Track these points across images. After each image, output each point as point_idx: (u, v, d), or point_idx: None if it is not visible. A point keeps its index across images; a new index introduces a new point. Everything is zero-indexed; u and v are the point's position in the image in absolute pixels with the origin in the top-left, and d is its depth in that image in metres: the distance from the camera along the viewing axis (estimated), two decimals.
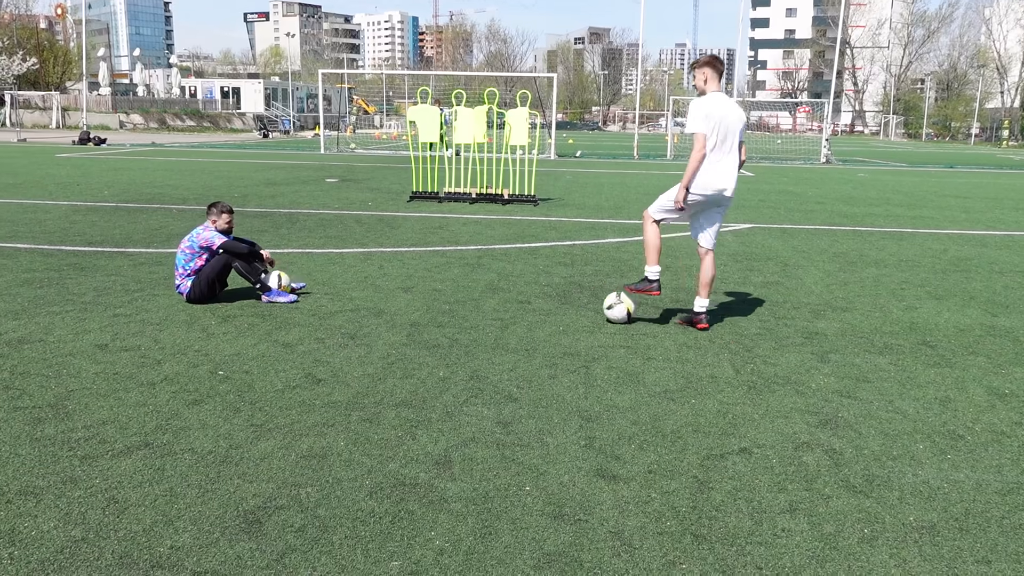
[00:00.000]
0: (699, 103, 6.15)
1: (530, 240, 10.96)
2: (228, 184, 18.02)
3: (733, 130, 6.20)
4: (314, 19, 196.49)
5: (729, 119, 6.17)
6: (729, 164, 6.23)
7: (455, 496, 3.64)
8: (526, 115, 14.68)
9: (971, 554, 3.25)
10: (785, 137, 62.85)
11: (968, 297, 7.97)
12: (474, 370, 5.41)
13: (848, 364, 5.71)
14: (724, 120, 6.15)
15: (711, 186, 6.22)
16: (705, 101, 6.16)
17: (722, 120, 6.14)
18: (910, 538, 3.36)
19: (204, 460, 3.93)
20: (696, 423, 4.57)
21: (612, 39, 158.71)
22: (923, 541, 3.34)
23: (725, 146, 6.21)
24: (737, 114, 6.22)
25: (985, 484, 3.87)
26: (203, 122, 60.70)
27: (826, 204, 16.67)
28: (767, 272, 9.04)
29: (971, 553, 3.25)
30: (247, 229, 11.18)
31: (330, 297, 7.36)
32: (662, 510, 3.56)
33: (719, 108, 6.15)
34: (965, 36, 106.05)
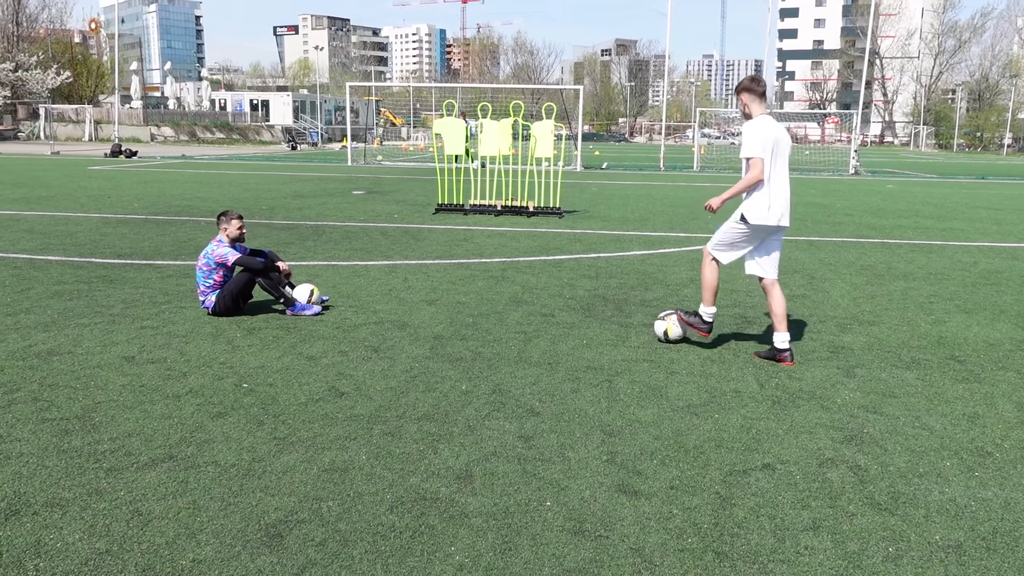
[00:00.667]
0: (754, 126, 5.90)
1: (555, 253, 10.96)
2: (256, 196, 18.20)
3: (786, 154, 6.00)
4: (343, 32, 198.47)
5: (782, 143, 5.97)
6: (785, 190, 6.01)
7: (475, 511, 3.64)
8: (551, 127, 14.70)
9: (998, 574, 3.19)
10: (813, 148, 62.38)
11: (998, 311, 7.86)
12: (496, 384, 5.41)
13: (874, 379, 5.64)
14: (778, 144, 5.95)
15: (772, 216, 5.96)
16: (758, 124, 5.91)
17: (776, 144, 5.93)
18: (936, 557, 3.31)
19: (227, 473, 3.96)
20: (719, 438, 4.54)
21: (639, 50, 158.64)
22: (949, 560, 3.29)
23: (780, 171, 5.99)
24: (787, 138, 6.03)
25: (1014, 502, 3.80)
26: (232, 134, 61.41)
27: (854, 216, 16.51)
28: (793, 285, 8.96)
29: (998, 573, 3.20)
30: (274, 241, 11.29)
31: (354, 310, 7.40)
32: (684, 527, 3.54)
33: (772, 131, 5.91)
34: (997, 46, 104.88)
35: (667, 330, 6.49)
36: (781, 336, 6.03)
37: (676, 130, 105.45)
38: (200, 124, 60.94)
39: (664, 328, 6.51)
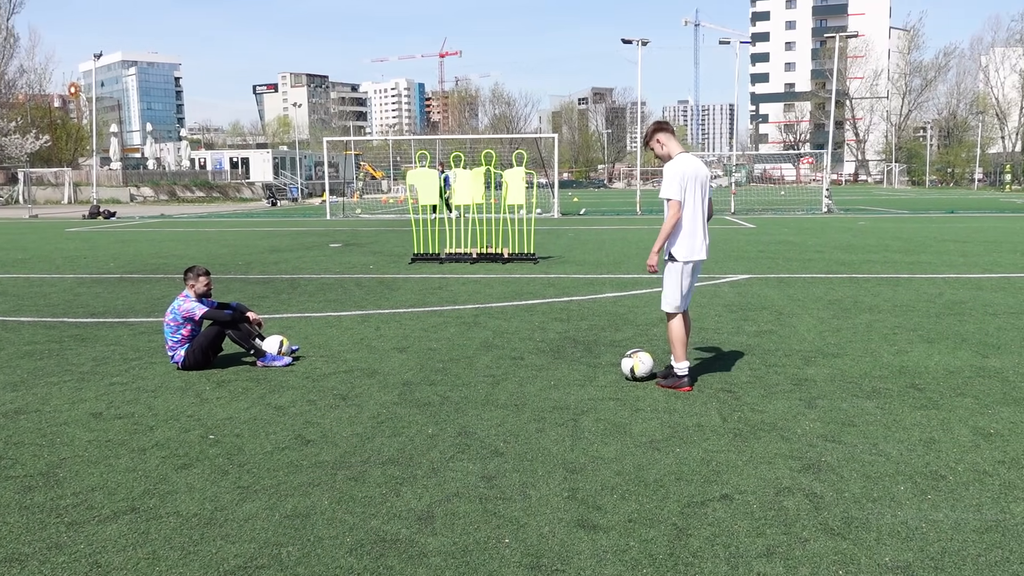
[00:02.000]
0: (672, 167, 6.12)
1: (528, 297, 11.06)
2: (233, 252, 18.28)
3: (705, 188, 6.22)
4: (321, 89, 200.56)
5: (700, 177, 6.18)
6: (704, 223, 6.29)
7: (435, 551, 3.68)
8: (522, 174, 14.92)
9: None
10: (789, 188, 63.27)
11: (960, 339, 8.00)
12: (463, 426, 5.46)
13: (835, 409, 5.74)
14: (696, 180, 6.14)
15: (697, 250, 6.28)
16: (676, 164, 6.12)
17: (695, 180, 6.13)
18: None
19: (189, 523, 3.99)
20: (679, 471, 4.60)
21: (615, 98, 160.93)
22: None
23: (699, 207, 6.21)
24: (705, 171, 6.24)
25: (964, 523, 3.87)
26: (212, 192, 61.63)
27: (825, 253, 16.76)
28: (761, 321, 9.09)
29: None
30: (249, 295, 11.34)
31: (325, 359, 7.45)
32: (639, 558, 3.58)
33: (690, 168, 6.12)
34: (963, 84, 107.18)
35: (634, 367, 6.58)
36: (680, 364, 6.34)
37: (654, 174, 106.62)
38: (180, 183, 61.18)
39: (631, 365, 6.59)
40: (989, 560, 3.51)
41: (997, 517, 3.93)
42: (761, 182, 79.30)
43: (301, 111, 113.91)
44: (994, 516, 3.95)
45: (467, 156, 15.67)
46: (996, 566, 3.46)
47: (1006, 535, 3.74)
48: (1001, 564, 3.48)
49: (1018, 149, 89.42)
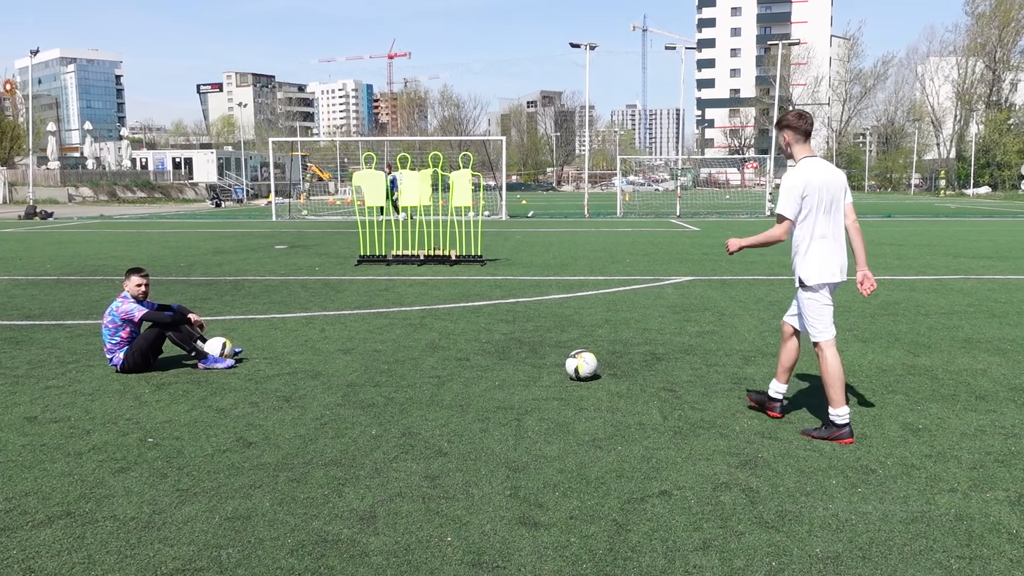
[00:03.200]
0: (793, 178, 5.11)
1: (474, 299, 11.09)
2: (175, 253, 17.97)
3: (837, 202, 5.19)
4: (268, 89, 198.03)
5: (832, 189, 5.15)
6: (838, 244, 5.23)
7: (376, 550, 3.68)
8: (469, 177, 14.95)
9: None
10: (733, 192, 64.33)
11: (893, 339, 8.24)
12: (407, 427, 5.47)
13: None
14: (825, 192, 5.12)
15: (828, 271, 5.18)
16: (799, 174, 5.11)
17: (822, 193, 5.11)
18: (815, 568, 3.47)
19: (126, 527, 3.93)
20: (621, 469, 4.67)
21: (564, 101, 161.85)
22: (827, 571, 3.45)
23: (828, 225, 5.17)
24: (840, 181, 5.22)
25: (891, 514, 4.01)
26: (154, 193, 60.42)
27: (767, 255, 17.07)
28: (703, 322, 9.25)
29: None
30: (191, 297, 11.18)
31: (268, 361, 7.38)
32: (579, 553, 3.64)
33: (816, 179, 5.10)
34: (900, 92, 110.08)
35: (578, 367, 6.65)
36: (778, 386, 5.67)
37: (602, 178, 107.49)
38: (120, 183, 59.84)
39: (575, 366, 6.66)
40: (914, 549, 3.64)
41: (923, 509, 4.08)
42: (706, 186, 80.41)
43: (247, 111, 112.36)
44: (920, 508, 4.09)
45: (415, 158, 15.64)
46: (920, 555, 3.59)
47: (930, 526, 3.88)
48: (925, 553, 3.61)
49: (952, 156, 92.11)
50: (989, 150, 78.89)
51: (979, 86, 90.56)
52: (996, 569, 3.47)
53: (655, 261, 15.96)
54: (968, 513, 4.03)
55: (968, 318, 9.41)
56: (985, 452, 4.91)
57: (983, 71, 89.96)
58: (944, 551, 3.63)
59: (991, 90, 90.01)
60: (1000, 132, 79.51)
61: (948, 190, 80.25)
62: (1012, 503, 4.15)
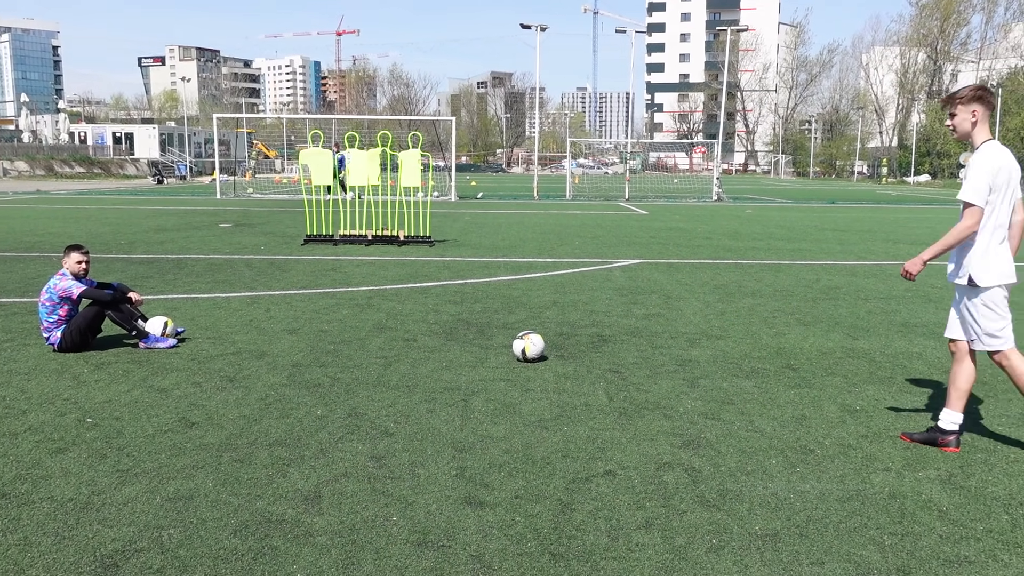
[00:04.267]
0: (982, 160, 4.53)
1: (423, 280, 11.05)
2: (115, 231, 17.55)
3: (1015, 189, 4.67)
4: (212, 63, 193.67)
5: (1014, 178, 4.62)
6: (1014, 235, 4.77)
7: (321, 530, 3.67)
8: (418, 156, 14.84)
9: (807, 557, 3.46)
10: (682, 177, 64.94)
11: (834, 323, 8.43)
12: (353, 407, 5.44)
13: (716, 388, 5.98)
14: (1011, 180, 4.60)
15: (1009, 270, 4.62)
16: (987, 157, 4.54)
17: (1009, 180, 4.58)
18: (754, 546, 3.55)
19: (63, 508, 3.85)
20: (566, 449, 4.71)
21: (514, 83, 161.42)
22: (765, 548, 3.54)
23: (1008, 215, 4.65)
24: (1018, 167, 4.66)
25: (828, 493, 4.12)
26: (94, 169, 58.87)
27: (713, 239, 17.32)
28: (650, 305, 9.35)
29: (807, 556, 3.46)
30: (132, 275, 10.94)
31: (212, 341, 7.27)
32: (524, 532, 3.67)
33: (1002, 164, 4.55)
34: (845, 80, 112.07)
35: (525, 348, 6.68)
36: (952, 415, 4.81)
37: (552, 160, 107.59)
38: (58, 158, 58.19)
39: (522, 347, 6.69)
40: (849, 527, 3.74)
41: (858, 487, 4.19)
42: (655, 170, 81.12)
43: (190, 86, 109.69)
44: (855, 486, 4.20)
45: (364, 137, 15.47)
46: (855, 532, 3.69)
47: (865, 503, 4.00)
48: (860, 530, 3.71)
49: (894, 144, 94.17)
50: (930, 139, 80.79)
51: (921, 76, 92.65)
52: (926, 545, 3.58)
53: (603, 244, 16.07)
54: (901, 492, 4.15)
55: (906, 303, 9.66)
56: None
57: (925, 61, 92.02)
58: (878, 528, 3.74)
59: (932, 80, 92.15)
60: (940, 121, 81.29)
61: (890, 178, 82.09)
62: (943, 482, 4.29)
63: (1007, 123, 65.78)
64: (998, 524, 3.80)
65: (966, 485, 4.25)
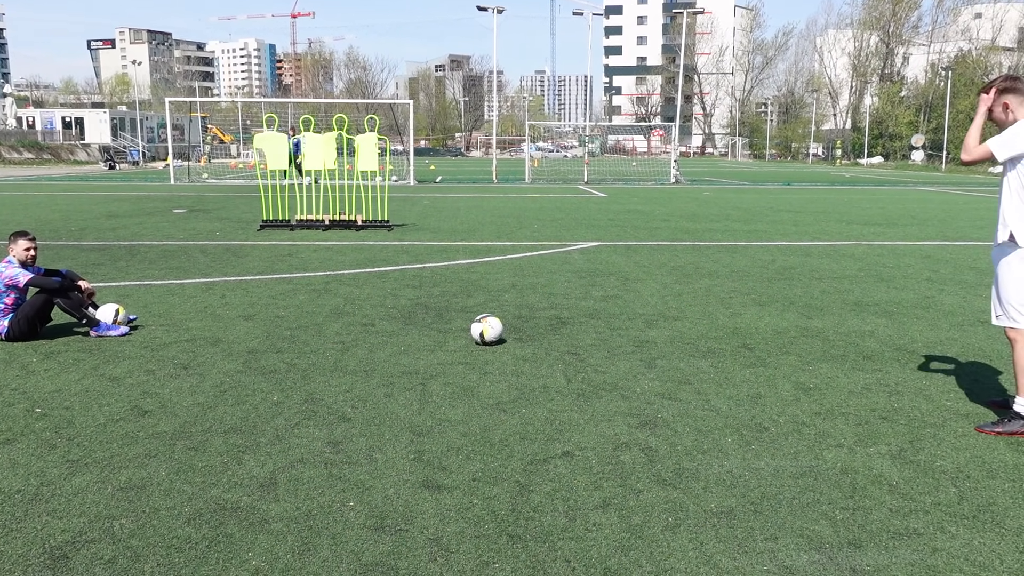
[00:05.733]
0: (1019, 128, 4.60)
1: (381, 264, 10.98)
2: (65, 217, 17.17)
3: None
4: (164, 46, 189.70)
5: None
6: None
7: (277, 516, 3.63)
8: (375, 140, 14.71)
9: (762, 533, 3.51)
10: (640, 160, 65.20)
11: (788, 302, 8.54)
12: (309, 393, 5.39)
13: (673, 368, 6.02)
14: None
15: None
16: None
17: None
18: (709, 523, 3.60)
19: (11, 499, 3.77)
20: (524, 431, 4.72)
21: (472, 66, 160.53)
22: (720, 525, 3.58)
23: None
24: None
25: (782, 470, 4.18)
26: (43, 154, 57.49)
27: (671, 222, 17.44)
28: (608, 287, 9.39)
29: (762, 532, 3.51)
30: (82, 263, 10.72)
31: (165, 328, 7.15)
32: (482, 515, 3.67)
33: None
34: (800, 63, 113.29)
35: (483, 332, 6.67)
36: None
37: (511, 144, 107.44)
38: (5, 144, 56.71)
39: (480, 330, 6.68)
40: (802, 502, 3.80)
41: (811, 464, 4.26)
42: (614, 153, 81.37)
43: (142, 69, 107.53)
44: (809, 463, 4.27)
45: (321, 121, 15.29)
46: (808, 507, 3.75)
47: (818, 479, 4.06)
48: (812, 505, 3.77)
49: (848, 126, 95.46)
50: (882, 121, 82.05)
51: (873, 59, 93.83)
52: (877, 518, 3.65)
53: (562, 227, 16.09)
54: (853, 467, 4.23)
55: (858, 282, 9.82)
56: (870, 409, 5.15)
57: (877, 44, 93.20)
58: (830, 503, 3.80)
59: (885, 63, 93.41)
60: (892, 104, 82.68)
61: (844, 159, 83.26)
62: (893, 457, 4.37)
63: (957, 105, 66.99)
64: (946, 497, 3.89)
65: (915, 459, 4.34)
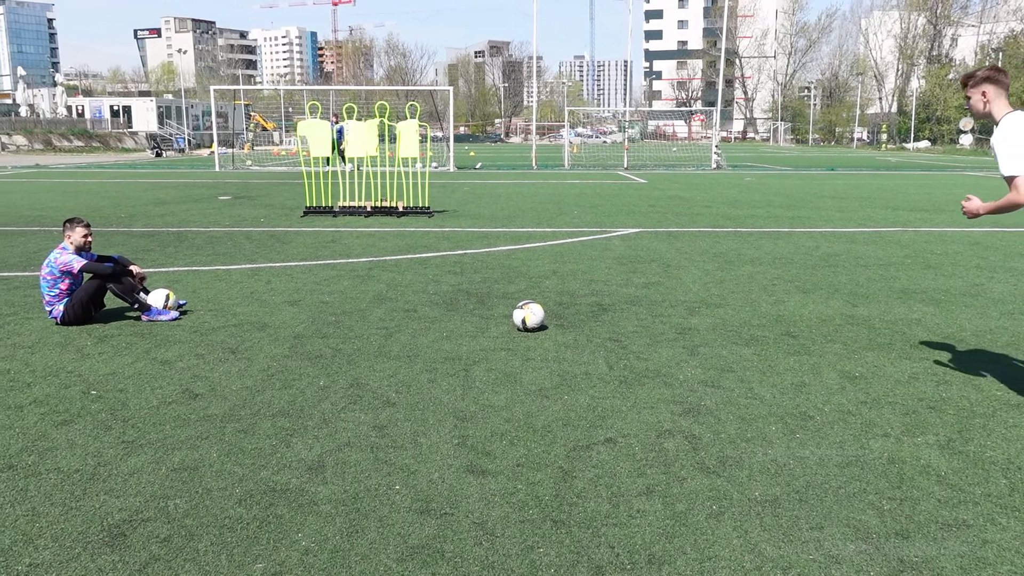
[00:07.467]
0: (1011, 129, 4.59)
1: (422, 251, 11.05)
2: (115, 204, 17.52)
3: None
4: (208, 35, 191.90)
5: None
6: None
7: (325, 499, 3.71)
8: (416, 127, 14.78)
9: (807, 522, 3.50)
10: (681, 145, 64.62)
11: (833, 290, 8.45)
12: (355, 378, 5.47)
13: (715, 356, 6.00)
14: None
15: None
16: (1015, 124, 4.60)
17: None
18: (753, 511, 3.60)
19: (70, 479, 3.89)
20: (567, 417, 4.75)
21: (512, 52, 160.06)
22: (765, 513, 3.58)
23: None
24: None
25: (827, 459, 4.15)
26: (92, 142, 58.59)
27: (712, 208, 17.29)
28: (649, 273, 9.36)
29: (807, 521, 3.51)
30: (133, 249, 10.94)
31: (214, 313, 7.29)
32: (526, 500, 3.71)
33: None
34: (844, 46, 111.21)
35: (525, 318, 6.70)
36: None
37: (550, 130, 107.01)
38: (56, 132, 57.90)
39: (522, 317, 6.71)
40: (848, 492, 3.78)
41: (857, 453, 4.23)
42: (654, 138, 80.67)
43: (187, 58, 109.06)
44: (855, 452, 4.24)
45: (362, 108, 15.40)
46: (854, 497, 3.73)
47: (864, 469, 4.04)
48: (859, 495, 3.75)
49: (894, 110, 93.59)
50: (929, 105, 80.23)
51: (920, 41, 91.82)
52: (925, 509, 3.62)
53: (602, 213, 16.04)
54: (900, 457, 4.19)
55: (905, 269, 9.67)
56: (917, 398, 5.09)
57: (925, 26, 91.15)
58: (877, 493, 3.78)
59: (932, 45, 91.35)
60: (940, 87, 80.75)
61: (889, 144, 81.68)
62: (941, 447, 4.33)
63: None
64: (996, 488, 3.84)
65: (964, 450, 4.28)
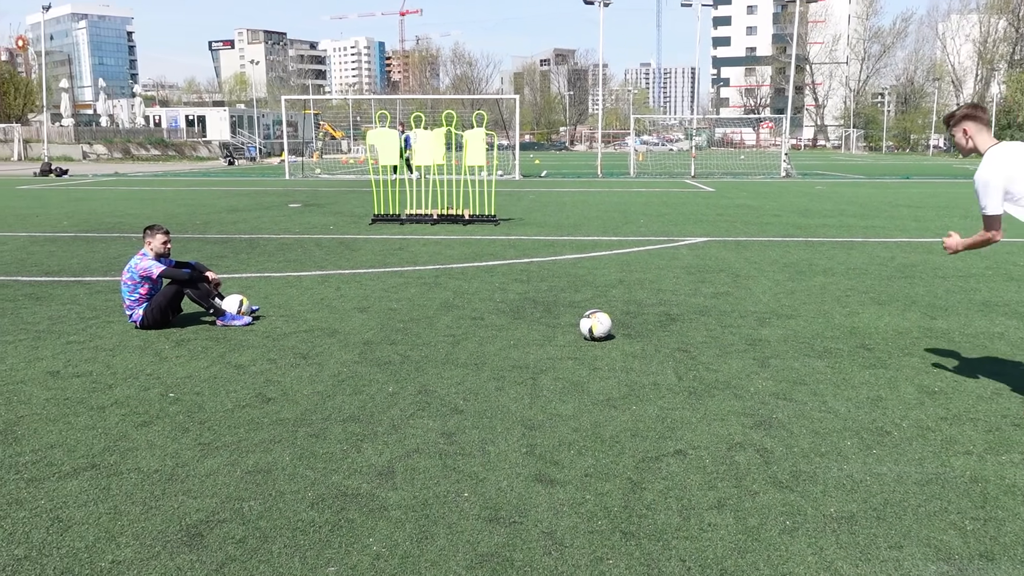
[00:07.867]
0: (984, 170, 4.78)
1: (488, 259, 11.10)
2: (190, 211, 18.02)
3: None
4: (279, 46, 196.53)
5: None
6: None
7: (395, 504, 3.74)
8: (483, 135, 14.87)
9: (885, 540, 3.40)
10: (749, 152, 63.75)
11: (910, 302, 8.22)
12: (423, 385, 5.52)
13: (787, 368, 5.89)
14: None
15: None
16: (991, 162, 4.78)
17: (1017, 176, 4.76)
18: (829, 528, 3.51)
19: (150, 479, 4.01)
20: (635, 428, 4.71)
21: (577, 60, 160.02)
22: (841, 530, 3.49)
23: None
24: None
25: (906, 476, 4.03)
26: (168, 151, 60.39)
27: (782, 216, 16.99)
28: (718, 283, 9.24)
29: (885, 540, 3.41)
30: (207, 255, 11.23)
31: (285, 319, 7.44)
32: (595, 510, 3.69)
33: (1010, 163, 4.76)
34: (920, 51, 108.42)
35: (592, 328, 6.67)
36: None
37: (615, 138, 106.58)
38: (134, 141, 59.81)
39: (589, 326, 6.69)
40: (928, 511, 3.67)
41: (937, 470, 4.10)
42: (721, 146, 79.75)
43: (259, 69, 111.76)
44: (935, 469, 4.11)
45: (428, 116, 15.57)
46: (934, 516, 3.62)
47: (945, 487, 3.91)
48: (939, 514, 3.64)
49: None
50: (1011, 111, 77.54)
51: (1001, 45, 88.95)
52: (1010, 530, 3.49)
53: (669, 222, 15.90)
54: (983, 475, 4.05)
55: (986, 281, 9.36)
56: (1001, 415, 4.92)
57: (1006, 29, 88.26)
58: (959, 512, 3.65)
59: (1014, 49, 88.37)
60: (1022, 92, 78.08)
61: None
62: None
63: None
64: None
65: None
